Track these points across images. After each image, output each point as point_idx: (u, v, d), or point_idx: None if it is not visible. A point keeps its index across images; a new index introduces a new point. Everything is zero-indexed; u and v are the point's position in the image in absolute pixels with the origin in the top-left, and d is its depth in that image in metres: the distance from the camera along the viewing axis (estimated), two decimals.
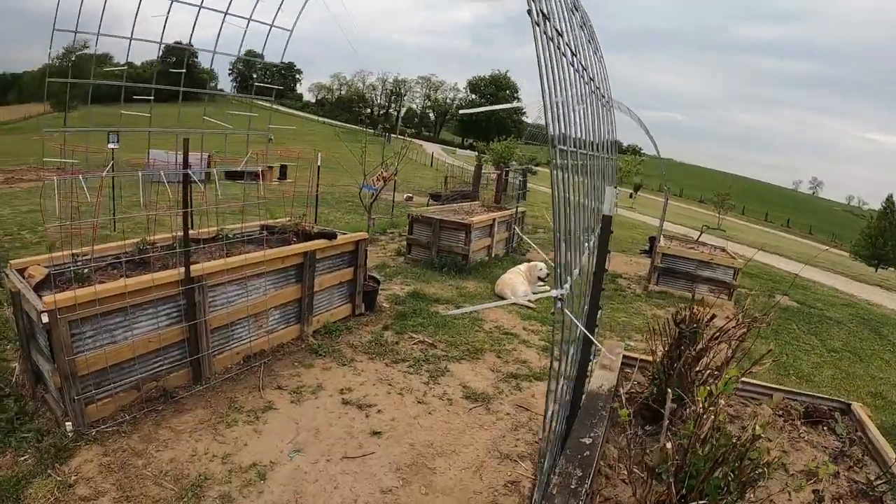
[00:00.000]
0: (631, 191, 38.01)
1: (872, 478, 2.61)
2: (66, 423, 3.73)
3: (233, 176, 16.57)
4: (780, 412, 3.59)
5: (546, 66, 1.39)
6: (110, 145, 7.65)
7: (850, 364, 7.54)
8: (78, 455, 3.60)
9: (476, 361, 5.84)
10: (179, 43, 4.52)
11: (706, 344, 3.23)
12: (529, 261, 10.08)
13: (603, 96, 3.77)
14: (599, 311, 2.94)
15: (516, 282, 8.58)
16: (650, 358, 3.49)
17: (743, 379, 3.31)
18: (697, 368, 3.19)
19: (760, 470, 1.97)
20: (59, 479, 3.37)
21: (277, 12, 3.95)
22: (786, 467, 2.72)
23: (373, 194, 7.82)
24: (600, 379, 3.40)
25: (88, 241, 4.53)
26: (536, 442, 4.38)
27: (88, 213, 5.73)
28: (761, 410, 3.56)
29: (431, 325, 6.73)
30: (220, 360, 4.78)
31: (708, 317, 3.31)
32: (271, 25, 3.86)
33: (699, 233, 11.96)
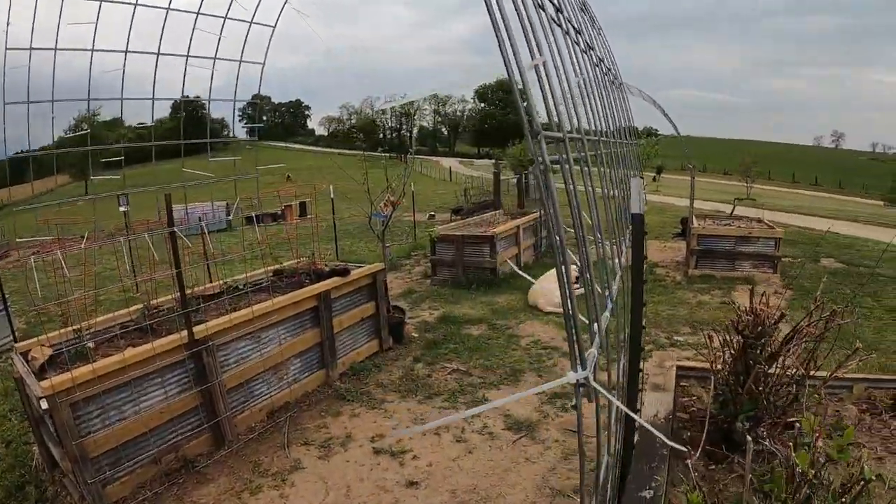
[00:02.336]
0: (653, 174, 37.43)
1: None
2: None
3: (254, 221, 16.64)
4: (864, 406, 3.23)
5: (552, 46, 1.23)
6: (121, 208, 7.64)
7: None
8: None
9: (516, 384, 5.59)
10: (187, 96, 4.46)
11: (778, 349, 2.88)
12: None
13: (615, 77, 3.52)
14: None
15: (550, 289, 8.29)
16: (707, 365, 3.16)
17: (818, 374, 2.96)
18: (771, 378, 2.85)
19: None
20: None
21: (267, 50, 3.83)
22: (883, 478, 2.37)
23: (383, 221, 7.65)
24: (654, 404, 3.10)
25: (102, 310, 4.46)
26: (591, 470, 4.10)
27: (84, 284, 5.68)
28: (846, 411, 3.19)
29: (465, 349, 6.50)
30: (243, 420, 4.63)
31: (776, 316, 2.97)
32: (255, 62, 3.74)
33: (732, 207, 11.57)
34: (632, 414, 1.24)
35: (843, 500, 1.65)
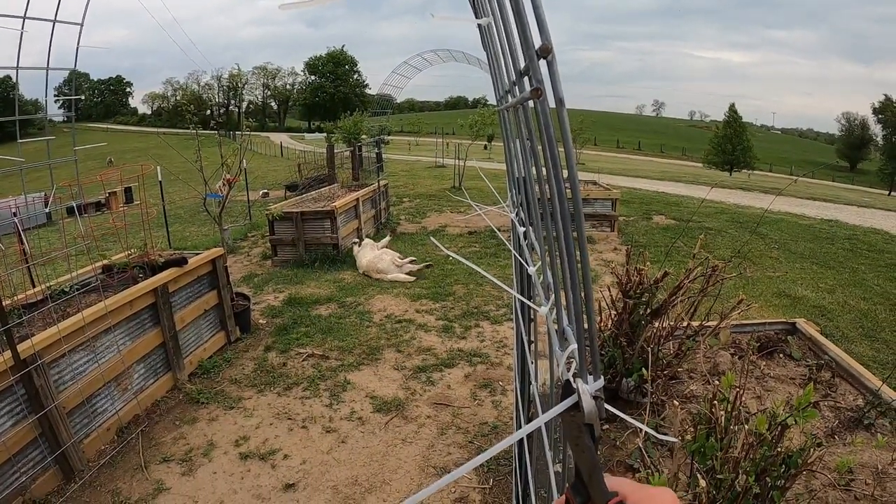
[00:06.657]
0: (485, 143, 39.11)
1: (852, 399, 2.74)
2: None
3: (76, 211, 15.21)
4: (733, 350, 3.66)
5: None
6: None
7: (744, 268, 8.19)
8: None
9: (376, 363, 5.70)
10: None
11: (662, 305, 3.13)
12: (388, 234, 10.15)
13: None
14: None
15: (381, 256, 8.47)
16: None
17: (686, 324, 3.31)
18: (657, 334, 3.11)
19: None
20: None
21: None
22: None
23: (220, 202, 7.29)
24: (541, 372, 3.32)
25: None
26: (470, 442, 4.35)
27: None
28: (721, 357, 3.56)
29: (317, 332, 6.49)
30: (91, 444, 4.27)
31: (660, 275, 3.20)
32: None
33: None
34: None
35: (780, 449, 1.94)
